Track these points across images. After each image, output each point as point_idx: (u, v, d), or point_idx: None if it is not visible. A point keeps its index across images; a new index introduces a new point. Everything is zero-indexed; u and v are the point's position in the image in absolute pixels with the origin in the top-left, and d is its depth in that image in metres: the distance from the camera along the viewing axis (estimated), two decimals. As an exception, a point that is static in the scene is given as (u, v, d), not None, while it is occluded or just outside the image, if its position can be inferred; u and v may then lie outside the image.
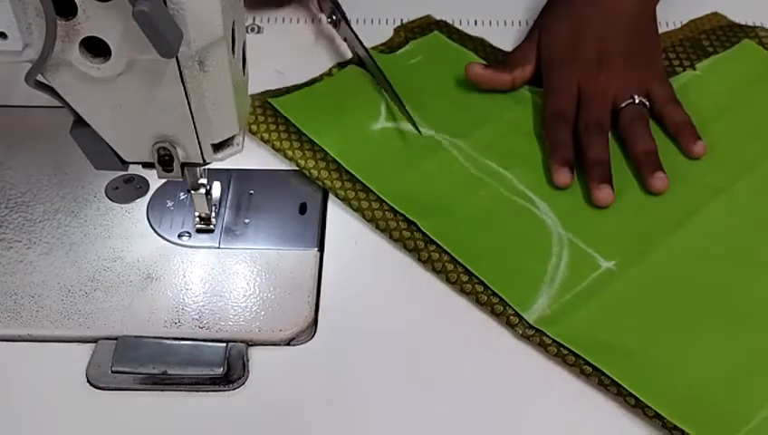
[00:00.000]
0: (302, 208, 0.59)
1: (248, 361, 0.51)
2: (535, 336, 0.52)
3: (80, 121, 0.46)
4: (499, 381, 0.50)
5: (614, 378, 0.49)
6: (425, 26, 0.72)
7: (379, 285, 0.55)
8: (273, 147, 0.62)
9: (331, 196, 0.60)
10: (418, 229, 0.56)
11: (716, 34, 0.72)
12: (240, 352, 0.51)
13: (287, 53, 0.70)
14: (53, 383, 0.50)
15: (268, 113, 0.64)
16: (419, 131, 0.62)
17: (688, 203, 0.59)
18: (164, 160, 0.48)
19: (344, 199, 0.59)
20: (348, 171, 0.60)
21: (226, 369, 0.50)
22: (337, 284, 0.55)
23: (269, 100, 0.64)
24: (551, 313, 0.52)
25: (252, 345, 0.52)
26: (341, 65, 0.68)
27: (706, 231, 0.58)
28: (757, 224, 0.58)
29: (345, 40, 0.69)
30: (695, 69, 0.69)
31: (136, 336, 0.51)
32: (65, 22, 0.38)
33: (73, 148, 0.47)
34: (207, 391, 0.50)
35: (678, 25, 0.73)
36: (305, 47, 0.71)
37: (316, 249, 0.57)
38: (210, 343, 0.51)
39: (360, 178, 0.59)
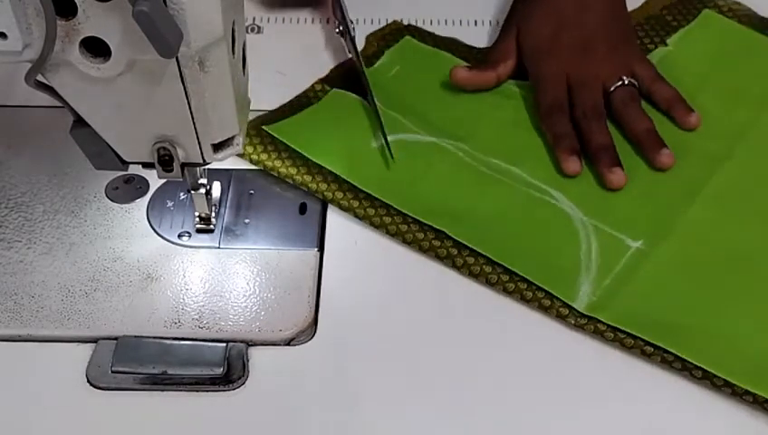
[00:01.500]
0: (302, 208, 0.59)
1: (248, 361, 0.51)
2: (589, 324, 0.52)
3: (80, 121, 0.46)
4: (502, 376, 0.51)
5: (678, 354, 0.50)
6: (395, 32, 0.72)
7: (379, 285, 0.55)
8: (280, 174, 0.60)
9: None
10: (448, 237, 0.56)
11: (677, 9, 0.74)
12: (240, 352, 0.51)
13: (287, 53, 0.70)
14: (53, 383, 0.50)
15: (267, 141, 0.61)
16: (392, 157, 0.60)
17: (696, 174, 0.61)
18: (164, 160, 0.48)
19: (364, 217, 0.58)
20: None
21: (226, 369, 0.50)
22: (337, 284, 0.55)
23: (264, 128, 0.62)
24: (597, 299, 0.53)
25: (252, 345, 0.52)
26: (324, 81, 0.67)
27: (722, 198, 0.59)
28: (766, 183, 0.60)
29: (348, 52, 0.69)
30: (666, 44, 0.71)
31: (136, 336, 0.51)
32: (65, 22, 0.38)
33: (73, 148, 0.47)
34: (207, 391, 0.50)
35: (638, 5, 0.74)
36: (305, 47, 0.71)
37: (316, 249, 0.57)
38: (210, 343, 0.51)
39: (376, 196, 0.58)
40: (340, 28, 0.69)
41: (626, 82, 0.64)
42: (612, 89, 0.64)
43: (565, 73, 0.64)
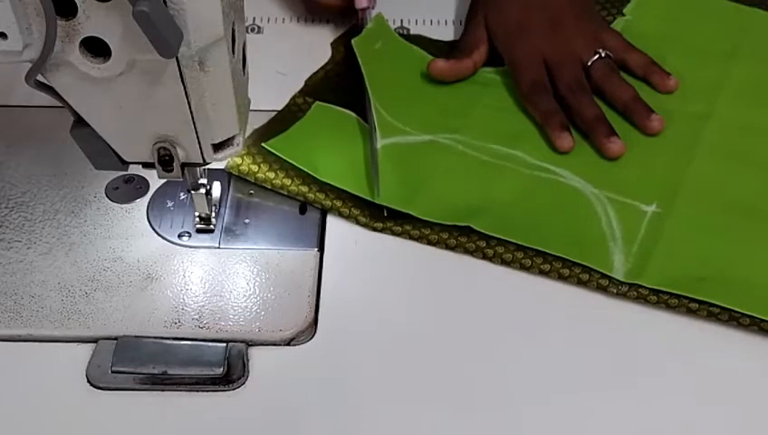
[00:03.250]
0: (302, 208, 0.59)
1: (248, 361, 0.51)
2: (631, 291, 0.54)
3: (80, 121, 0.46)
4: (503, 375, 0.51)
5: (723, 305, 0.52)
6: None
7: (379, 285, 0.55)
8: (273, 186, 0.59)
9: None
10: (473, 231, 0.56)
11: None
12: (240, 352, 0.51)
13: (287, 53, 0.71)
14: (53, 383, 0.50)
15: (254, 151, 0.60)
16: (378, 194, 0.58)
17: (685, 134, 0.63)
18: (164, 160, 0.48)
19: (366, 226, 0.57)
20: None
21: (226, 369, 0.50)
22: (337, 284, 0.55)
23: (264, 145, 0.61)
24: (631, 266, 0.55)
25: (252, 345, 0.52)
26: (304, 93, 0.66)
27: (716, 152, 0.62)
28: (753, 133, 0.63)
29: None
30: (624, 14, 0.72)
31: (136, 336, 0.51)
32: (65, 22, 0.38)
33: (73, 148, 0.47)
34: (207, 391, 0.50)
35: None
36: (305, 47, 0.71)
37: (316, 249, 0.57)
38: (210, 343, 0.51)
39: (392, 207, 0.57)
40: None
41: (602, 55, 0.65)
42: (590, 63, 0.65)
43: (541, 53, 0.65)
